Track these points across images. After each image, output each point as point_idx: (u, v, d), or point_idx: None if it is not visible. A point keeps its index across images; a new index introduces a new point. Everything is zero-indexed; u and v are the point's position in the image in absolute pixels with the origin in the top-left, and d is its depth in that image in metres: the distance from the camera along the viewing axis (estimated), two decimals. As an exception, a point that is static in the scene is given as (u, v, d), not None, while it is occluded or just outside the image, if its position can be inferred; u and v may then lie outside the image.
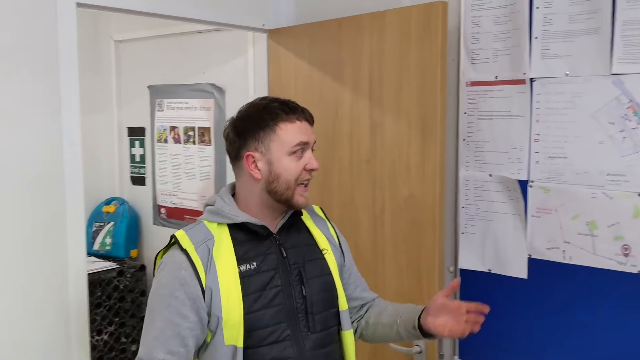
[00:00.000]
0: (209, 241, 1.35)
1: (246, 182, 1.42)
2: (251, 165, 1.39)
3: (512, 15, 1.90)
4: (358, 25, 2.12)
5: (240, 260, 1.36)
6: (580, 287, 1.83)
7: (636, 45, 1.68)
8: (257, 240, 1.40)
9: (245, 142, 1.39)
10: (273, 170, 1.38)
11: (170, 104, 3.12)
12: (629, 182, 1.72)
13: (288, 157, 1.39)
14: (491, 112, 1.99)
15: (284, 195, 1.40)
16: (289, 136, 1.38)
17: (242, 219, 1.39)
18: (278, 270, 1.40)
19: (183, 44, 3.02)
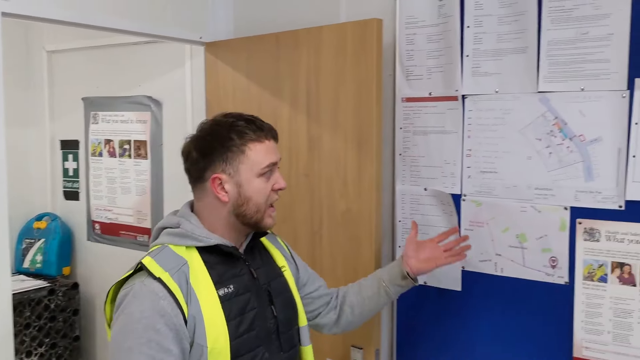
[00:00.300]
0: (183, 267, 1.26)
1: (210, 204, 1.35)
2: (218, 187, 1.32)
3: (445, 34, 1.95)
4: (295, 40, 2.13)
5: (217, 284, 1.29)
6: (512, 298, 1.88)
7: (560, 65, 1.75)
8: (228, 263, 1.34)
9: (211, 163, 1.32)
10: (243, 193, 1.33)
11: (105, 116, 3.04)
12: (556, 196, 1.79)
13: (258, 179, 1.34)
14: (426, 127, 2.03)
15: (254, 218, 1.35)
16: (259, 157, 1.33)
17: (215, 241, 1.32)
18: (252, 291, 1.35)
19: (119, 56, 2.95)
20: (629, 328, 1.69)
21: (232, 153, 1.31)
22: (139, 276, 1.25)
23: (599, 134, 1.71)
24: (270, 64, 2.20)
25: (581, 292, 1.76)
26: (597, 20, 1.69)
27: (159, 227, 1.37)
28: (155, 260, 1.26)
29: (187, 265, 1.26)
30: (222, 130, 1.33)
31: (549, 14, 1.76)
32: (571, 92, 1.74)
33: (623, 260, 1.69)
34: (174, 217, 1.37)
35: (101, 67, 3.05)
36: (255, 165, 1.33)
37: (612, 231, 1.70)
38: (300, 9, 2.29)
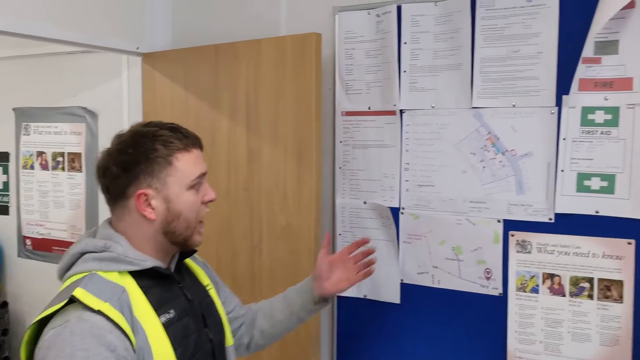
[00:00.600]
0: (122, 295, 1.13)
1: (135, 224, 1.22)
2: (144, 204, 1.20)
3: (383, 49, 1.98)
4: (235, 52, 2.11)
5: (158, 311, 1.18)
6: (449, 310, 1.91)
7: (492, 81, 1.80)
8: (162, 286, 1.23)
9: (135, 178, 1.20)
10: (172, 208, 1.21)
11: (37, 127, 2.92)
12: (489, 209, 1.83)
13: (188, 192, 1.23)
14: (365, 141, 2.04)
15: (183, 235, 1.24)
16: (188, 168, 1.23)
17: (150, 263, 1.21)
18: (190, 314, 1.27)
19: (52, 65, 2.85)
20: (559, 337, 1.74)
21: (159, 165, 1.20)
22: (71, 311, 1.09)
23: (530, 149, 1.76)
24: (209, 75, 2.17)
25: (514, 303, 1.80)
26: (527, 39, 1.75)
27: (76, 252, 1.21)
28: (89, 291, 1.11)
29: (126, 293, 1.14)
30: (145, 141, 1.21)
31: (482, 32, 1.81)
32: (503, 108, 1.79)
33: (553, 272, 1.74)
34: (94, 239, 1.23)
35: (34, 76, 2.94)
36: (185, 177, 1.23)
37: (542, 243, 1.75)
38: (239, 21, 2.27)
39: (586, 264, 1.70)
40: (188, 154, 1.24)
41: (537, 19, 1.73)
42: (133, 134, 1.24)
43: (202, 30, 2.36)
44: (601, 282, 1.68)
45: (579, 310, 1.71)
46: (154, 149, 1.20)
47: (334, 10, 2.06)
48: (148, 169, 1.20)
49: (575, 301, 1.72)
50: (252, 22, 2.24)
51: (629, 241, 1.64)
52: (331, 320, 2.12)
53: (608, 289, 1.68)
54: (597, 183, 1.67)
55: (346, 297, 2.08)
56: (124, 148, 1.22)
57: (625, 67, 1.62)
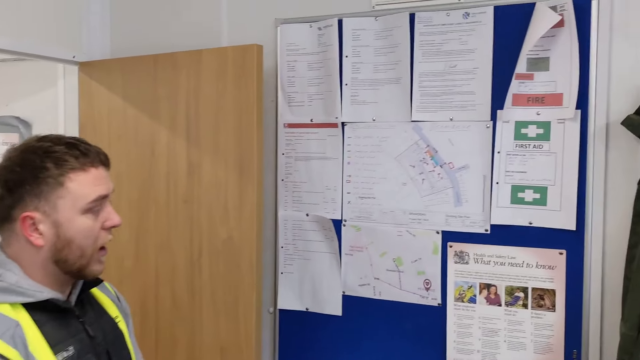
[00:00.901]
0: (16, 330, 1.02)
1: (24, 250, 1.10)
2: (29, 228, 1.08)
3: (325, 62, 1.99)
4: (175, 62, 2.07)
5: (54, 348, 1.06)
6: (390, 321, 1.92)
7: (430, 96, 1.84)
8: (60, 320, 1.11)
9: (21, 199, 1.07)
10: (62, 234, 1.09)
11: (-34, 137, 2.79)
12: (429, 221, 1.86)
13: (82, 217, 1.10)
14: (307, 153, 2.04)
15: (77, 265, 1.11)
16: (83, 190, 1.10)
17: (46, 294, 1.09)
18: (91, 352, 1.15)
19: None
20: (496, 346, 1.78)
21: (48, 186, 1.07)
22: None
23: (467, 162, 1.80)
24: (148, 86, 2.13)
25: (453, 313, 1.83)
26: (464, 55, 1.80)
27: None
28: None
29: (20, 328, 1.03)
30: (34, 159, 1.08)
31: (421, 47, 1.85)
32: (441, 121, 1.83)
33: (490, 282, 1.78)
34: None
35: (-37, 84, 2.81)
36: (79, 200, 1.09)
37: (479, 254, 1.79)
38: (180, 31, 2.24)
39: (521, 273, 1.75)
40: (84, 173, 1.11)
41: (473, 35, 1.78)
42: (24, 150, 1.11)
43: (142, 39, 2.31)
44: (535, 291, 1.73)
45: (514, 319, 1.76)
46: (43, 167, 1.07)
47: (276, 22, 2.06)
48: (35, 190, 1.07)
49: (510, 310, 1.76)
50: (192, 33, 2.21)
51: (561, 251, 1.70)
52: (273, 333, 2.10)
53: (541, 298, 1.73)
54: (531, 195, 1.73)
55: (288, 310, 2.07)
56: (10, 165, 1.09)
57: (556, 84, 1.69)
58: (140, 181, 2.12)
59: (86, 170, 1.11)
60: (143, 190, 2.13)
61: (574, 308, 1.69)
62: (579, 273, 1.69)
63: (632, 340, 1.51)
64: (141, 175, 2.12)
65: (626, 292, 1.58)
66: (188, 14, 2.23)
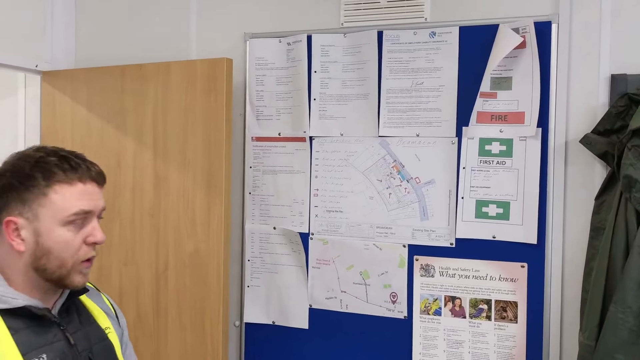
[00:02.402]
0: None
1: (5, 254, 1.12)
2: (12, 233, 1.10)
3: (294, 77, 2.01)
4: (142, 74, 2.06)
5: (26, 355, 1.06)
6: (356, 334, 1.94)
7: (397, 112, 1.88)
8: (37, 327, 1.11)
9: (6, 203, 1.10)
10: (42, 243, 1.10)
11: None
12: (395, 235, 1.89)
13: (62, 228, 1.11)
14: (275, 167, 2.05)
15: (56, 274, 1.13)
16: (65, 202, 1.10)
17: (22, 301, 1.09)
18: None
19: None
20: (460, 358, 1.82)
21: (32, 194, 1.10)
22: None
23: (433, 177, 1.85)
24: (114, 97, 2.10)
25: (419, 325, 1.86)
26: (430, 73, 1.85)
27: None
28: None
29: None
30: (24, 166, 1.11)
31: (388, 64, 1.89)
32: (408, 137, 1.87)
33: (454, 294, 1.82)
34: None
35: None
36: (60, 212, 1.11)
37: (444, 267, 1.83)
38: (148, 43, 2.22)
39: (484, 286, 1.79)
40: (70, 187, 1.12)
41: (439, 54, 1.83)
42: (18, 157, 1.14)
43: (108, 50, 2.28)
44: (498, 303, 1.78)
45: (478, 331, 1.80)
46: (31, 176, 1.11)
47: (245, 36, 2.07)
48: (21, 196, 1.10)
49: (474, 322, 1.80)
50: (160, 45, 2.20)
51: (522, 264, 1.76)
52: (239, 347, 2.09)
53: (504, 309, 1.78)
54: (494, 210, 1.78)
55: (254, 324, 2.06)
56: (2, 170, 1.13)
57: (518, 102, 1.75)
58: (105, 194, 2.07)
59: (72, 184, 1.12)
60: (107, 203, 2.04)
61: (535, 319, 1.75)
62: (540, 285, 1.74)
63: (591, 349, 1.56)
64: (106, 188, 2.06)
65: (584, 304, 1.64)
66: (156, 25, 2.22)
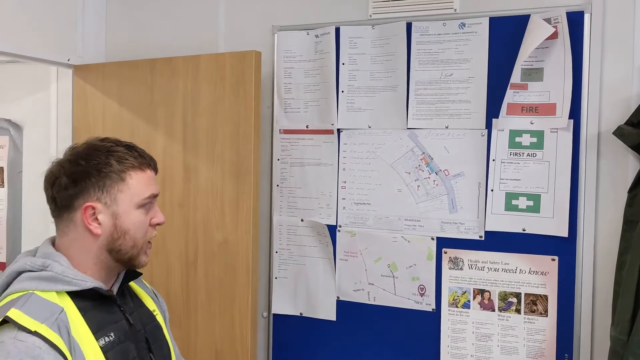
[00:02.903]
0: (60, 316, 1.09)
1: (79, 239, 1.18)
2: (90, 218, 1.17)
3: (321, 69, 2.01)
4: (172, 67, 2.08)
5: (97, 334, 1.13)
6: (384, 326, 1.94)
7: (426, 104, 1.87)
8: (102, 308, 1.18)
9: (85, 190, 1.16)
10: (119, 225, 1.18)
11: (-45, 139, 2.76)
12: (424, 227, 1.88)
13: (137, 211, 1.20)
14: (303, 159, 2.06)
15: (128, 254, 1.21)
16: (140, 187, 1.20)
17: (90, 284, 1.16)
18: (130, 339, 1.22)
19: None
20: (489, 351, 1.81)
21: (110, 180, 1.17)
22: (5, 332, 1.05)
23: (462, 169, 1.84)
24: (144, 90, 2.13)
25: (447, 318, 1.86)
26: (459, 64, 1.84)
27: (13, 271, 1.16)
28: (24, 312, 1.07)
29: (64, 314, 1.10)
30: (99, 154, 1.18)
31: (417, 55, 1.88)
32: (437, 129, 1.86)
33: (483, 287, 1.81)
34: (33, 258, 1.17)
35: (-48, 85, 2.78)
36: (136, 196, 1.20)
37: (473, 260, 1.82)
38: (177, 36, 2.25)
39: (514, 279, 1.78)
40: (142, 172, 1.22)
41: (468, 45, 1.82)
42: (88, 147, 1.21)
43: (137, 44, 2.31)
44: (527, 297, 1.77)
45: (507, 324, 1.79)
46: (107, 163, 1.17)
47: (274, 29, 2.08)
48: (99, 183, 1.17)
49: (503, 315, 1.79)
50: (190, 38, 2.22)
51: (553, 258, 1.74)
52: (267, 338, 2.11)
53: (534, 303, 1.76)
54: (524, 202, 1.76)
55: (282, 315, 2.08)
56: (75, 159, 1.18)
57: (549, 94, 1.73)
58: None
59: (143, 170, 1.22)
60: None
61: (565, 313, 1.73)
62: (571, 279, 1.72)
63: (623, 344, 1.54)
64: (136, 179, 2.12)
65: (616, 297, 1.62)
66: (185, 19, 2.24)
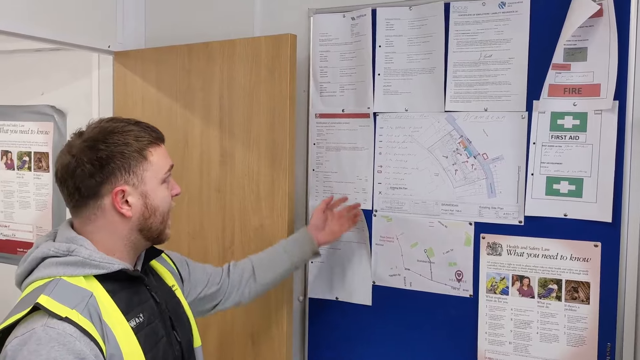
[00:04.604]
0: (90, 301, 1.09)
1: (108, 224, 1.17)
2: (120, 202, 1.16)
3: (357, 52, 1.99)
4: (209, 52, 2.09)
5: (127, 315, 1.14)
6: (420, 312, 1.92)
7: (464, 86, 1.83)
8: (130, 289, 1.19)
9: (111, 174, 1.15)
10: (149, 203, 1.19)
11: (2, 126, 2.85)
12: (461, 212, 1.85)
13: (161, 186, 1.22)
14: (338, 143, 2.05)
15: (157, 230, 1.22)
16: (160, 162, 1.22)
17: (118, 266, 1.16)
18: (158, 317, 1.23)
19: (19, 62, 2.78)
20: (527, 338, 1.77)
21: (134, 160, 1.17)
22: (36, 319, 1.04)
23: (501, 153, 1.79)
24: (182, 76, 2.15)
25: (484, 304, 1.83)
26: (499, 45, 1.78)
27: (36, 257, 1.15)
28: (54, 298, 1.06)
29: (94, 298, 1.09)
30: (116, 137, 1.16)
31: (455, 36, 1.84)
32: (475, 112, 1.82)
33: (522, 273, 1.77)
34: (55, 243, 1.16)
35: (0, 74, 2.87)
36: (159, 172, 1.21)
37: (512, 245, 1.78)
38: (213, 21, 2.26)
39: (554, 265, 1.73)
40: (158, 147, 1.24)
41: (508, 25, 1.76)
42: (100, 130, 1.18)
43: (175, 29, 2.33)
44: (569, 283, 1.72)
45: (547, 311, 1.75)
46: (127, 143, 1.16)
47: (309, 12, 2.06)
48: (124, 165, 1.15)
49: (543, 302, 1.75)
50: (225, 22, 2.23)
51: (596, 244, 1.68)
52: (303, 322, 2.12)
53: (575, 290, 1.71)
54: (566, 187, 1.71)
55: (318, 299, 2.08)
56: (94, 145, 1.15)
57: (593, 74, 1.67)
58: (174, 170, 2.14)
59: (158, 145, 1.24)
60: (176, 178, 2.11)
61: (608, 301, 1.68)
62: (614, 266, 1.67)
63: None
64: (175, 164, 2.13)
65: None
66: (221, 3, 2.25)
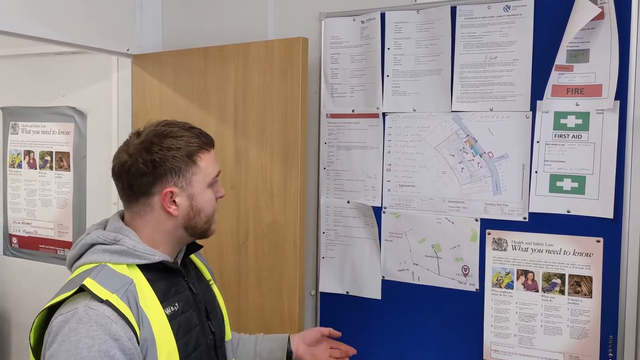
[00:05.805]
0: (130, 287, 1.17)
1: (155, 219, 1.27)
2: (168, 201, 1.25)
3: (367, 54, 2.06)
4: (224, 55, 2.17)
5: (163, 303, 1.23)
6: (428, 306, 1.99)
7: (470, 86, 1.89)
8: (169, 279, 1.28)
9: (162, 175, 1.24)
10: (195, 205, 1.28)
11: (25, 127, 2.95)
12: (467, 209, 1.91)
13: (208, 190, 1.31)
14: (349, 142, 2.12)
15: (202, 228, 1.32)
16: (208, 167, 1.30)
17: (159, 257, 1.25)
18: (193, 307, 1.32)
19: (41, 65, 2.89)
20: (532, 331, 1.83)
21: (185, 164, 1.26)
22: (80, 300, 1.13)
23: (506, 151, 1.85)
24: (198, 77, 2.23)
25: (490, 298, 1.88)
26: (504, 47, 1.84)
27: (86, 243, 1.25)
28: (98, 282, 1.15)
29: (133, 285, 1.18)
30: (170, 141, 1.25)
31: (462, 39, 1.90)
32: (481, 112, 1.88)
33: (527, 268, 1.83)
34: (104, 232, 1.26)
35: (22, 76, 2.96)
36: (207, 176, 1.30)
37: (517, 241, 1.84)
38: (228, 24, 2.34)
39: (558, 260, 1.79)
40: (207, 153, 1.32)
41: (513, 27, 1.82)
42: (155, 134, 1.27)
43: (191, 33, 2.41)
44: (572, 278, 1.77)
45: (551, 305, 1.80)
46: (179, 147, 1.25)
47: (321, 16, 2.13)
48: (175, 168, 1.24)
49: (547, 296, 1.80)
50: (240, 26, 2.31)
51: (598, 239, 1.74)
52: (314, 315, 2.19)
53: (578, 284, 1.77)
54: (569, 184, 1.76)
55: (328, 294, 2.15)
56: (150, 147, 1.24)
57: (595, 75, 1.72)
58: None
59: (208, 150, 1.33)
60: None
61: (610, 295, 1.73)
62: (616, 260, 1.72)
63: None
64: (191, 162, 2.23)
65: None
66: (236, 8, 2.33)
